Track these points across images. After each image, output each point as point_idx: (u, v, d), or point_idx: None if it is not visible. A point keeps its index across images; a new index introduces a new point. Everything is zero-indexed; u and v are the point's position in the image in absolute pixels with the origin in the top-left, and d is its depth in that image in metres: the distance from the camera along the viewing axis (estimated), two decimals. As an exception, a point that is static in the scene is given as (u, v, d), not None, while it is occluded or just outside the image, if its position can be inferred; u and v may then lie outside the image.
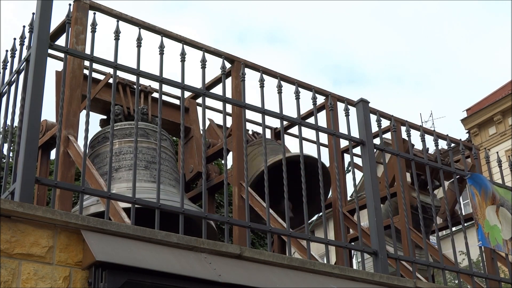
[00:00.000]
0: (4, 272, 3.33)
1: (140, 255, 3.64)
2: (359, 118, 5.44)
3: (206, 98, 4.79)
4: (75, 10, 5.77)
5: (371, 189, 5.11)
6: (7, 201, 3.49)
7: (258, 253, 4.23)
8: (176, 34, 6.34)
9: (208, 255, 3.99)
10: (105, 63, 4.43)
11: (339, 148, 7.71)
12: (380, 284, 4.63)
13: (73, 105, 5.55)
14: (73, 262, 3.57)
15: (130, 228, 3.81)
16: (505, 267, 7.71)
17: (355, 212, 6.31)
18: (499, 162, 6.16)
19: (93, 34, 4.41)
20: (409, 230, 6.06)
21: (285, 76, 6.85)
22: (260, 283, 3.97)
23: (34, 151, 3.88)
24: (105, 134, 6.33)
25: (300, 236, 5.16)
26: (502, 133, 23.73)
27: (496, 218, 5.84)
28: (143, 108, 6.58)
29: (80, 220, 3.63)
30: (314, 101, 5.24)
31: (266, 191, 4.73)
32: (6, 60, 4.75)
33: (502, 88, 24.87)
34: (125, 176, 6.00)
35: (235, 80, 6.70)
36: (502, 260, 7.29)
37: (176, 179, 6.39)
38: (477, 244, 5.66)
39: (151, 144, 6.29)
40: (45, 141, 5.93)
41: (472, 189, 5.78)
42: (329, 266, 4.50)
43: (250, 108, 4.96)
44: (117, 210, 4.78)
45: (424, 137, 5.72)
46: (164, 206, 4.30)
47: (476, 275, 5.79)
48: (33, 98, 3.96)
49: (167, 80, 4.60)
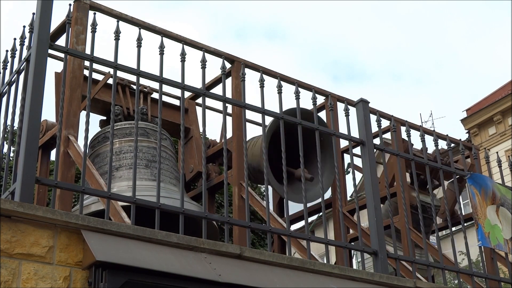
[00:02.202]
0: (4, 272, 3.33)
1: (140, 255, 3.65)
2: (359, 118, 5.44)
3: (206, 98, 4.79)
4: (75, 10, 5.77)
5: (371, 189, 5.11)
6: (7, 201, 3.49)
7: (258, 253, 4.23)
8: (176, 34, 6.35)
9: (208, 255, 3.99)
10: (105, 63, 4.43)
11: (339, 148, 7.72)
12: (380, 284, 4.63)
13: (73, 105, 5.56)
14: (73, 262, 3.57)
15: (130, 228, 3.81)
16: (505, 267, 7.72)
17: (355, 212, 6.32)
18: (499, 162, 6.17)
19: (93, 34, 4.41)
20: (409, 230, 6.07)
21: (285, 76, 6.86)
22: (260, 283, 3.97)
23: (34, 151, 3.88)
24: (105, 134, 6.33)
25: (300, 236, 5.16)
26: (502, 133, 23.73)
27: (496, 217, 5.84)
28: (142, 108, 6.58)
29: (80, 220, 3.63)
30: (314, 101, 5.24)
31: (267, 191, 4.73)
32: (6, 60, 4.75)
33: (502, 88, 24.88)
34: (125, 175, 6.02)
35: (235, 80, 6.70)
36: (502, 260, 7.30)
37: (177, 178, 6.40)
38: (477, 244, 5.66)
39: (151, 143, 6.30)
40: (45, 141, 5.93)
41: (472, 189, 5.78)
42: (329, 266, 4.50)
43: (250, 108, 4.96)
44: (117, 210, 4.78)
45: (424, 137, 5.72)
46: (164, 206, 4.30)
47: (476, 275, 5.80)
48: (33, 98, 3.96)
49: (167, 80, 4.60)
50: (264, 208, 5.60)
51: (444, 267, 5.46)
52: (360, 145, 5.35)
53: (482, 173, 7.05)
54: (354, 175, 5.41)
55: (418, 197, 5.47)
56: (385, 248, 5.01)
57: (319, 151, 5.08)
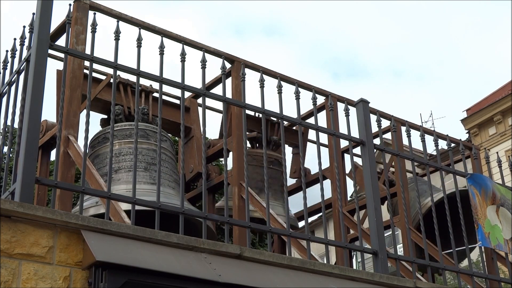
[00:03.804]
0: (4, 272, 3.33)
1: (140, 255, 3.65)
2: (359, 118, 5.44)
3: (206, 98, 4.79)
4: (75, 10, 5.77)
5: (371, 189, 5.11)
6: (7, 201, 3.49)
7: (258, 253, 4.23)
8: (176, 34, 6.35)
9: (208, 255, 3.99)
10: (105, 63, 4.43)
11: (339, 148, 7.72)
12: (380, 284, 4.63)
13: (73, 105, 5.56)
14: (73, 262, 3.57)
15: (130, 228, 3.81)
16: (505, 267, 7.71)
17: (355, 212, 6.32)
18: (499, 162, 6.17)
19: (93, 34, 4.41)
20: (409, 230, 6.07)
21: (285, 76, 6.87)
22: (260, 283, 3.97)
23: (34, 151, 3.88)
24: (105, 134, 6.32)
25: (300, 236, 5.16)
26: (502, 133, 23.74)
27: (496, 217, 5.84)
28: (143, 108, 6.58)
29: (80, 220, 3.63)
30: (314, 101, 5.24)
31: (267, 192, 4.73)
32: (6, 60, 4.75)
33: (502, 88, 24.89)
34: (124, 178, 5.99)
35: (235, 80, 6.71)
36: (502, 260, 7.30)
37: (176, 181, 6.38)
38: (477, 244, 5.66)
39: (151, 145, 6.29)
40: (45, 141, 5.93)
41: (472, 189, 5.78)
42: (329, 266, 4.50)
43: (250, 108, 4.96)
44: (117, 210, 4.78)
45: (424, 137, 5.72)
46: (164, 206, 4.30)
47: (476, 275, 5.79)
48: (33, 98, 3.96)
49: (167, 80, 4.60)
50: (264, 208, 5.60)
51: (444, 267, 5.46)
52: (360, 145, 5.35)
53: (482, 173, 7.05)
54: (354, 175, 5.40)
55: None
56: (385, 248, 5.01)
57: (319, 150, 5.09)
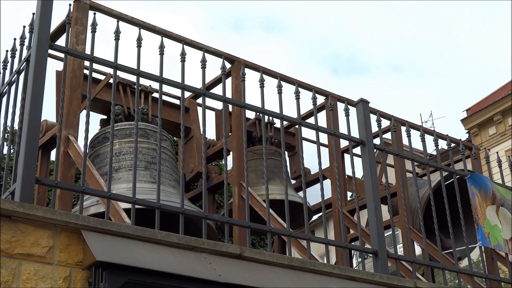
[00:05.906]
0: (4, 272, 3.33)
1: (140, 255, 3.65)
2: (359, 118, 5.44)
3: (206, 98, 4.79)
4: (75, 10, 5.77)
5: (371, 189, 5.11)
6: (7, 201, 3.49)
7: (258, 253, 4.23)
8: (176, 34, 6.36)
9: (208, 255, 3.99)
10: (105, 63, 4.43)
11: (339, 148, 7.72)
12: (380, 284, 4.63)
13: (73, 105, 5.56)
14: (73, 262, 3.57)
15: (130, 228, 3.81)
16: (505, 267, 7.71)
17: (355, 212, 6.32)
18: (499, 162, 6.17)
19: (93, 34, 4.41)
20: (409, 230, 6.07)
21: (285, 76, 6.87)
22: (260, 283, 3.97)
23: (34, 151, 3.88)
24: (105, 134, 6.32)
25: (300, 236, 5.16)
26: (502, 133, 23.74)
27: (496, 218, 5.84)
28: (143, 108, 6.58)
29: (80, 220, 3.63)
30: (314, 101, 5.24)
31: (266, 190, 4.73)
32: (6, 60, 4.75)
33: (502, 88, 24.90)
34: (124, 177, 5.99)
35: (235, 80, 6.71)
36: (502, 260, 7.29)
37: (176, 180, 6.38)
38: (477, 244, 5.66)
39: (151, 144, 6.29)
40: (45, 141, 5.93)
41: (472, 189, 5.78)
42: (329, 266, 4.50)
43: (250, 108, 4.96)
44: (117, 210, 4.78)
45: (424, 137, 5.72)
46: (164, 206, 4.30)
47: (476, 275, 5.79)
48: (33, 98, 3.95)
49: (167, 80, 4.60)
50: (264, 208, 5.60)
51: (444, 267, 5.46)
52: (360, 145, 5.35)
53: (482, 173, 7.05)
54: (354, 175, 5.40)
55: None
56: (385, 248, 5.01)
57: (319, 150, 5.09)
